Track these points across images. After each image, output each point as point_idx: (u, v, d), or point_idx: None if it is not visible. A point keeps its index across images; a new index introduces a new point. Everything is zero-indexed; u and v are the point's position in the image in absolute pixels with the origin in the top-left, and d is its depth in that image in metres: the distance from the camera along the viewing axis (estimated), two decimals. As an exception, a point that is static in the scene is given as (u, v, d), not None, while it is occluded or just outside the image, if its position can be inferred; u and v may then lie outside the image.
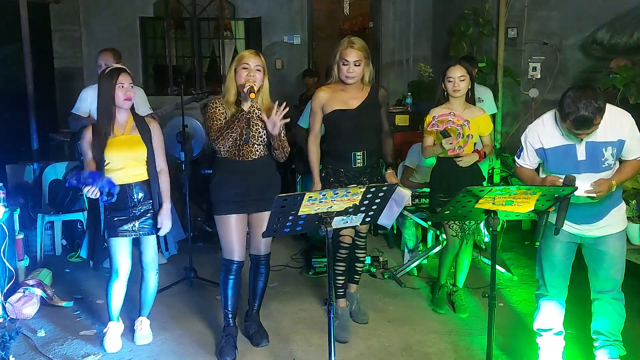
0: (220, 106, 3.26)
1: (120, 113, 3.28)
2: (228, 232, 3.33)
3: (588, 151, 2.84)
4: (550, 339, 3.18)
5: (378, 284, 4.47)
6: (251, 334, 3.55)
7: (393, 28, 8.70)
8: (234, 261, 3.36)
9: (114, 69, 3.30)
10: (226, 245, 3.36)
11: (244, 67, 3.20)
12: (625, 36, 5.39)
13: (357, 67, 3.41)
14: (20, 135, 5.66)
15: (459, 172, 3.69)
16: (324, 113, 3.51)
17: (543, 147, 2.93)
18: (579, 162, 2.85)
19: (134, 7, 8.19)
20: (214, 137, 3.20)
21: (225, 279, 3.39)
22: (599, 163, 2.84)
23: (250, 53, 3.27)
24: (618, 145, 2.83)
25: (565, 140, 2.87)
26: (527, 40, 6.43)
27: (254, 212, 3.37)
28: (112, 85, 3.20)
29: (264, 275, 3.53)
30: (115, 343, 3.46)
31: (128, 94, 3.23)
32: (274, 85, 3.55)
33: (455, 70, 3.69)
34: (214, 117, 3.24)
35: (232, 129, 3.15)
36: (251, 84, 3.14)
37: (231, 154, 3.27)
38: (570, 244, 3.05)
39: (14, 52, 6.20)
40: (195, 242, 4.67)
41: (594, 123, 2.67)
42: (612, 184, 2.81)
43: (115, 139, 3.26)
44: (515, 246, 5.19)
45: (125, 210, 3.29)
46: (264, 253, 3.47)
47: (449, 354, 3.45)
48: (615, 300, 3.02)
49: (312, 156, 3.59)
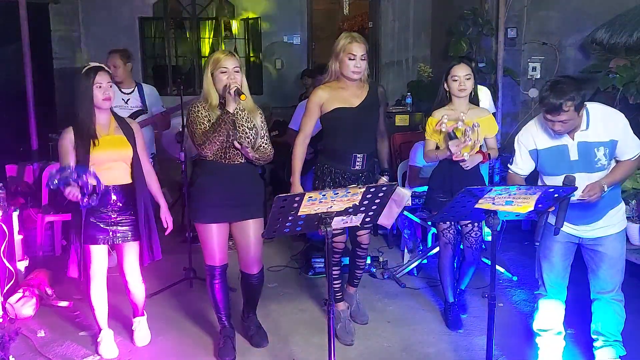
0: (202, 109, 3.17)
1: (100, 113, 3.18)
2: (209, 240, 3.27)
3: (580, 151, 2.84)
4: (550, 339, 3.17)
5: (378, 285, 4.46)
6: (250, 335, 3.54)
7: (392, 28, 8.70)
8: (216, 267, 3.32)
9: (91, 67, 3.17)
10: (208, 252, 3.30)
11: (222, 71, 3.11)
12: (625, 36, 5.39)
13: (363, 62, 3.34)
14: (20, 135, 5.66)
15: (460, 173, 3.58)
16: (323, 112, 3.42)
17: (536, 148, 2.94)
18: (572, 162, 2.86)
19: (133, 8, 8.20)
20: (199, 142, 3.12)
21: (211, 284, 3.35)
22: (592, 163, 2.84)
23: (225, 55, 3.16)
24: (610, 146, 2.83)
25: (557, 140, 2.87)
26: (527, 40, 6.43)
27: (236, 221, 3.29)
28: (90, 85, 3.11)
29: (258, 287, 3.48)
30: (112, 349, 3.43)
31: (107, 94, 3.14)
32: (274, 85, 3.54)
33: (461, 68, 3.53)
34: (196, 122, 3.15)
35: (219, 132, 3.08)
36: (236, 85, 3.08)
37: (217, 157, 3.20)
38: (568, 244, 3.05)
39: (13, 52, 6.19)
40: (195, 242, 4.65)
41: (563, 109, 2.67)
42: (603, 186, 2.80)
43: (100, 139, 3.16)
44: (515, 246, 5.19)
45: (105, 213, 3.21)
46: (257, 272, 3.40)
47: (449, 354, 3.45)
48: (615, 300, 3.02)
49: (297, 158, 3.46)
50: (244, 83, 3.21)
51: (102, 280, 3.34)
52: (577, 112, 2.72)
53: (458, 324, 3.76)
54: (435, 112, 3.58)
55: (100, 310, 3.39)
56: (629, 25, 5.38)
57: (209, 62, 3.17)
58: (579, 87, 2.70)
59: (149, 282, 4.30)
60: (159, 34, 8.94)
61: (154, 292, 4.22)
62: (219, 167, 3.21)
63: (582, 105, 2.74)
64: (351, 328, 3.64)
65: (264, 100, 8.03)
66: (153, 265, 4.80)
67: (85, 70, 3.16)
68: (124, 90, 4.67)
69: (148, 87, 4.91)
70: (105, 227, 3.22)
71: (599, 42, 5.72)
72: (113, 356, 3.41)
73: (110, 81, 3.20)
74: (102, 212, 3.21)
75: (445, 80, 3.59)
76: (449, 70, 3.57)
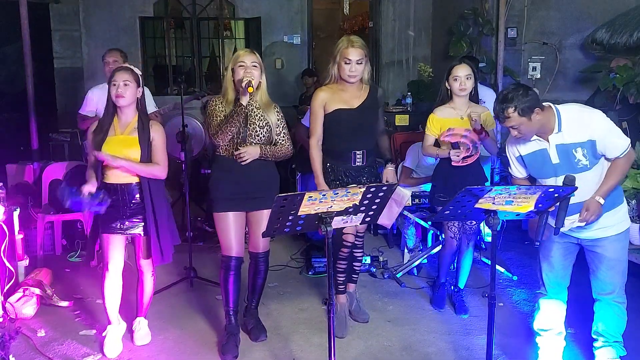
0: (219, 104, 3.34)
1: (123, 112, 3.28)
2: (226, 229, 3.36)
3: (560, 154, 2.85)
4: (551, 339, 3.17)
5: (378, 284, 4.47)
6: (249, 329, 3.58)
7: (393, 28, 8.70)
8: (232, 257, 3.38)
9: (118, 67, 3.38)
10: (224, 242, 3.39)
11: (240, 65, 3.27)
12: (625, 36, 5.40)
13: (359, 66, 3.42)
14: (20, 135, 5.67)
15: (462, 172, 3.66)
16: (325, 112, 3.51)
17: (521, 155, 2.98)
18: (555, 166, 2.87)
19: (133, 7, 8.19)
20: (213, 132, 3.28)
21: (225, 276, 3.40)
22: (573, 165, 2.84)
23: (246, 51, 3.35)
24: (589, 146, 2.82)
25: (537, 145, 2.90)
26: (527, 40, 6.44)
27: (251, 210, 3.41)
28: (110, 84, 3.26)
29: (263, 272, 3.56)
30: (115, 347, 3.42)
31: (119, 91, 3.22)
32: (274, 85, 3.57)
33: (462, 68, 3.65)
34: (213, 114, 3.32)
35: (231, 124, 3.21)
36: (249, 78, 3.19)
37: (229, 152, 3.31)
38: (568, 245, 3.05)
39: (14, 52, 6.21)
40: (195, 242, 4.66)
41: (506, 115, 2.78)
42: (599, 200, 2.81)
43: (114, 137, 3.25)
44: (515, 246, 5.19)
45: (117, 207, 3.26)
46: (262, 251, 3.51)
47: (449, 354, 3.45)
48: (616, 302, 3.01)
49: (316, 161, 3.53)
50: (263, 81, 3.35)
51: (115, 269, 3.35)
52: (524, 117, 2.75)
53: (442, 303, 3.93)
54: (437, 110, 3.73)
55: (111, 301, 3.40)
56: (629, 25, 5.38)
57: (231, 59, 3.36)
58: (525, 93, 2.76)
59: (149, 282, 4.33)
60: (159, 33, 8.95)
61: (155, 292, 4.22)
62: (229, 162, 3.32)
63: (530, 111, 2.75)
64: (346, 322, 3.68)
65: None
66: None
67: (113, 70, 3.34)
68: None
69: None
70: (119, 218, 3.28)
71: (599, 42, 5.73)
72: (115, 353, 3.41)
73: (127, 79, 3.24)
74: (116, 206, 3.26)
75: (446, 79, 3.71)
76: (450, 70, 3.69)
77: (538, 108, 2.77)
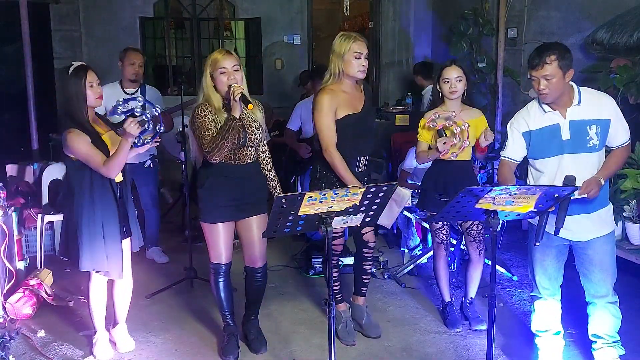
0: (208, 113, 3.10)
1: (91, 113, 3.15)
2: (217, 240, 3.27)
3: (572, 130, 2.87)
4: (549, 340, 3.17)
5: (378, 284, 4.46)
6: (250, 340, 3.50)
7: (393, 28, 8.70)
8: (222, 265, 3.32)
9: (79, 66, 3.09)
10: (215, 251, 3.30)
11: (222, 71, 3.07)
12: (625, 36, 5.39)
13: (367, 60, 3.32)
14: (20, 135, 5.66)
15: (453, 172, 3.58)
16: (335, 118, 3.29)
17: (529, 130, 2.97)
18: (564, 142, 2.88)
19: (133, 7, 8.20)
20: (208, 149, 3.04)
21: (215, 282, 3.35)
22: (584, 142, 2.86)
23: (223, 55, 3.11)
24: (603, 125, 2.87)
25: (550, 120, 2.91)
26: (527, 40, 6.43)
27: (243, 218, 3.30)
28: (82, 85, 3.04)
29: (262, 285, 3.47)
30: (107, 351, 3.41)
31: (99, 92, 3.12)
32: (274, 85, 3.54)
33: (452, 70, 3.50)
34: (204, 127, 3.08)
35: (227, 139, 3.02)
36: (240, 90, 3.00)
37: (227, 159, 3.17)
38: (560, 247, 3.06)
39: (14, 52, 6.20)
40: (195, 242, 4.66)
41: (546, 62, 2.77)
42: (600, 180, 2.83)
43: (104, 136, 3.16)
44: (515, 246, 5.19)
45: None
46: (260, 265, 3.41)
47: (449, 354, 3.45)
48: (610, 303, 3.02)
49: (340, 167, 3.27)
50: (244, 81, 3.17)
51: (102, 280, 3.33)
52: (561, 71, 2.78)
53: (456, 323, 3.73)
54: (427, 114, 3.56)
55: (98, 311, 3.38)
56: (629, 25, 5.37)
57: (208, 64, 3.12)
58: (565, 49, 2.81)
59: (149, 282, 4.34)
60: (159, 33, 8.95)
61: (155, 292, 4.23)
62: (229, 168, 3.20)
63: (567, 67, 2.79)
64: (353, 329, 3.63)
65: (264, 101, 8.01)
66: (154, 265, 4.84)
67: (74, 70, 3.07)
68: (127, 90, 4.66)
69: (152, 89, 4.89)
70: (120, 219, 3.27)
71: (599, 42, 5.71)
72: (108, 357, 3.40)
73: (99, 80, 3.15)
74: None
75: (437, 82, 3.58)
76: (440, 72, 3.56)
77: (572, 70, 2.82)
